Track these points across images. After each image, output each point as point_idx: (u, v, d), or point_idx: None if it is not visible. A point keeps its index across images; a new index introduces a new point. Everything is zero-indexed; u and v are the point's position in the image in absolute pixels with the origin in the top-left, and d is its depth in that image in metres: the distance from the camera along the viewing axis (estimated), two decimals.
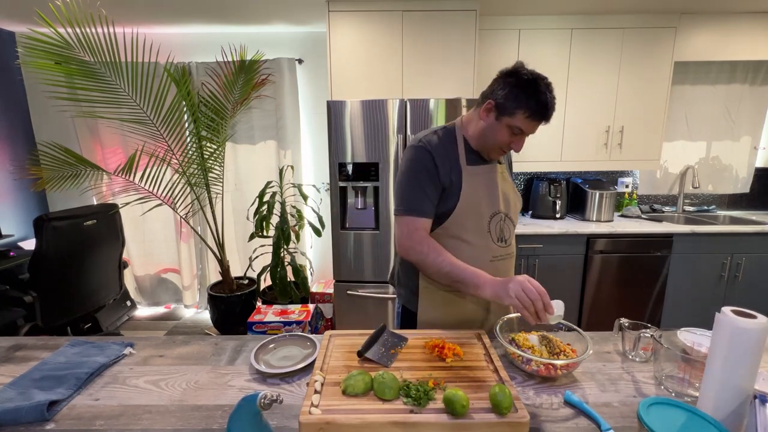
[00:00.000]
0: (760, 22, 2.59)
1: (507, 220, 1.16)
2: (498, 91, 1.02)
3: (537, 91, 0.98)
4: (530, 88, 0.99)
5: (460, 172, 1.10)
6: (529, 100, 0.98)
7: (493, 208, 1.13)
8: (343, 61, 2.35)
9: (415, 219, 1.08)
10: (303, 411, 0.73)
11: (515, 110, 1.00)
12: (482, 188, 1.12)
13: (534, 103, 0.98)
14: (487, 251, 1.12)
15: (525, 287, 0.89)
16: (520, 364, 0.91)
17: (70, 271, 2.12)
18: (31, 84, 3.00)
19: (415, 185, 1.08)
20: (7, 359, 1.00)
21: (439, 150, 1.09)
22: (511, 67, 1.04)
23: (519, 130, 1.02)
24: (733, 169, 3.01)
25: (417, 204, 1.08)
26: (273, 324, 2.28)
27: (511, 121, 1.01)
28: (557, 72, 2.59)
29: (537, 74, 1.01)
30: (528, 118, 1.00)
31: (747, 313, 0.69)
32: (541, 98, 0.98)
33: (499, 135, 1.05)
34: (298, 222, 2.84)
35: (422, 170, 1.08)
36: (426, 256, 1.05)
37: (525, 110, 0.99)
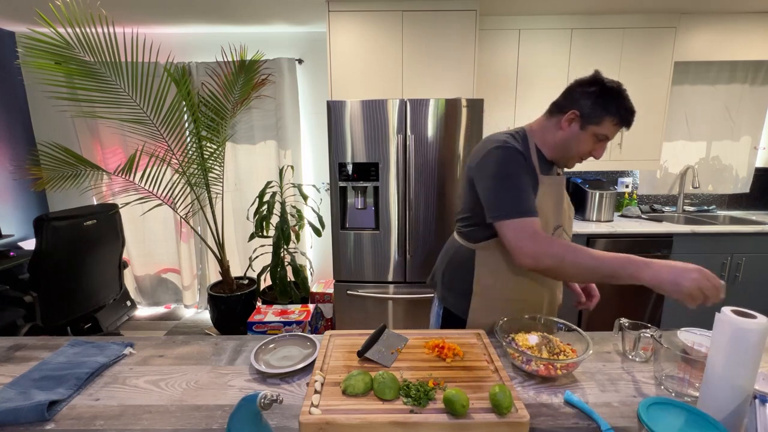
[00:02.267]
0: (760, 22, 2.59)
1: (564, 234, 1.16)
2: (582, 101, 1.04)
3: (622, 98, 1.01)
4: (616, 95, 1.01)
5: (536, 180, 1.07)
6: (619, 107, 1.01)
7: (557, 220, 1.13)
8: (343, 61, 2.35)
9: (532, 220, 0.97)
10: (303, 411, 0.73)
11: (603, 118, 1.02)
12: (551, 199, 1.11)
13: (623, 110, 1.01)
14: None
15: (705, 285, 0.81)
16: (520, 364, 0.91)
17: (70, 271, 2.12)
18: (31, 84, 3.00)
19: (520, 185, 1.00)
20: (7, 359, 1.00)
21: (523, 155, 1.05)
22: (590, 77, 1.06)
23: (604, 137, 1.04)
24: (733, 169, 3.01)
25: (528, 204, 0.99)
26: (273, 324, 2.28)
27: (598, 129, 1.03)
28: (557, 72, 2.59)
29: (617, 82, 1.04)
30: (615, 125, 1.03)
31: (747, 313, 0.69)
32: (627, 105, 1.02)
33: (583, 144, 1.06)
34: (298, 222, 2.84)
35: (521, 170, 1.01)
36: (562, 258, 0.93)
37: (613, 117, 1.01)
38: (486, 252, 1.13)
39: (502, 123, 2.64)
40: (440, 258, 1.29)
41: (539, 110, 2.94)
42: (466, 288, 1.16)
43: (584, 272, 0.94)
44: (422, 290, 2.30)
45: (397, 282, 2.31)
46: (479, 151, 1.08)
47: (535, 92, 2.61)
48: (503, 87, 2.61)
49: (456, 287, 1.19)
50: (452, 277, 1.21)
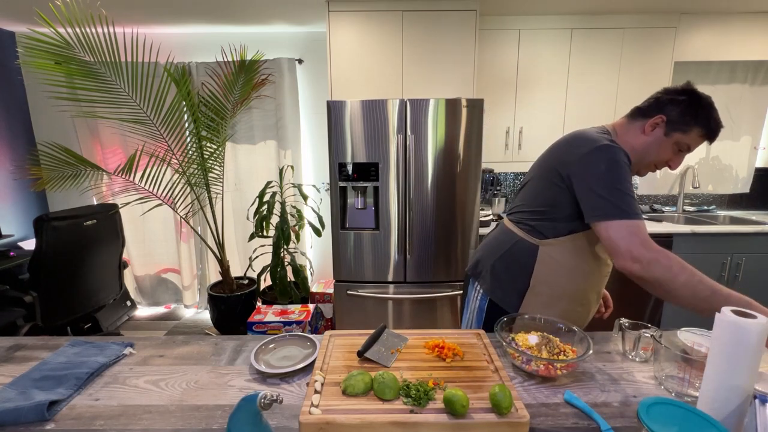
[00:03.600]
0: (760, 22, 2.59)
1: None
2: (670, 107, 1.04)
3: (713, 110, 1.01)
4: (707, 106, 1.01)
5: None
6: (709, 120, 1.00)
7: None
8: (343, 61, 2.35)
9: (643, 223, 0.94)
10: (303, 411, 0.73)
11: (691, 127, 1.01)
12: None
13: (712, 122, 1.00)
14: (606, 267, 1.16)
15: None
16: (520, 364, 0.91)
17: (70, 271, 2.12)
18: (31, 84, 3.00)
19: (630, 187, 0.97)
20: (7, 359, 1.00)
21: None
22: (681, 86, 1.06)
23: (687, 147, 1.03)
24: (733, 169, 3.01)
25: (637, 207, 0.96)
26: (273, 324, 2.28)
27: (683, 137, 1.02)
28: (557, 72, 2.59)
29: (708, 96, 1.03)
30: (701, 137, 1.02)
31: (747, 313, 0.69)
32: (717, 118, 1.01)
33: (663, 151, 1.05)
34: (298, 222, 2.84)
35: (629, 172, 0.99)
36: (676, 274, 0.88)
37: (701, 128, 1.01)
38: (551, 249, 1.11)
39: (502, 123, 2.64)
40: (488, 249, 1.25)
41: (539, 110, 2.94)
42: (520, 283, 1.15)
43: (693, 298, 0.88)
44: (423, 290, 2.30)
45: (397, 282, 2.31)
46: (578, 148, 1.04)
47: (536, 92, 2.61)
48: (503, 87, 2.61)
49: (508, 280, 1.17)
50: (506, 270, 1.18)
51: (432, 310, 2.32)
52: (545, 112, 2.63)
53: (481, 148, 2.19)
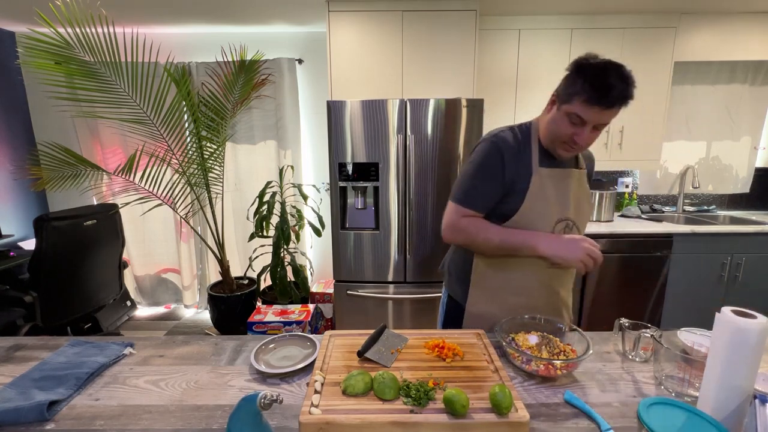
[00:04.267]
0: (760, 22, 2.59)
1: (575, 228, 1.11)
2: (561, 82, 1.01)
3: (599, 75, 0.94)
4: (590, 72, 0.95)
5: (530, 172, 1.07)
6: (586, 83, 0.94)
7: (562, 213, 1.09)
8: (343, 61, 2.35)
9: (464, 209, 1.08)
10: (303, 411, 0.73)
11: (572, 95, 0.96)
12: (552, 191, 1.08)
13: (590, 86, 0.93)
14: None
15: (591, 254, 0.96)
16: (520, 364, 0.91)
17: (70, 271, 2.12)
18: (31, 84, 3.00)
19: (475, 179, 1.07)
20: (7, 359, 0.99)
21: (512, 148, 1.07)
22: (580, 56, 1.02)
23: (577, 117, 0.97)
24: (733, 169, 3.01)
25: (470, 197, 1.08)
26: (273, 324, 2.28)
27: (570, 107, 0.97)
28: (557, 72, 2.56)
29: (612, 61, 0.97)
30: (585, 104, 0.95)
31: (747, 313, 0.69)
32: (600, 80, 0.93)
33: (560, 125, 1.01)
34: (298, 222, 2.84)
35: (487, 167, 1.06)
36: (474, 236, 1.06)
37: (581, 94, 0.94)
38: None
39: (502, 123, 2.62)
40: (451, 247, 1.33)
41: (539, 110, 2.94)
42: (465, 276, 1.19)
43: (494, 248, 1.06)
44: (422, 290, 2.30)
45: (397, 282, 2.31)
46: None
47: (535, 92, 2.61)
48: (503, 87, 2.61)
49: (457, 275, 1.22)
50: (455, 265, 1.24)
51: (432, 310, 2.32)
52: None
53: None
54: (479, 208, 1.09)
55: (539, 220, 1.07)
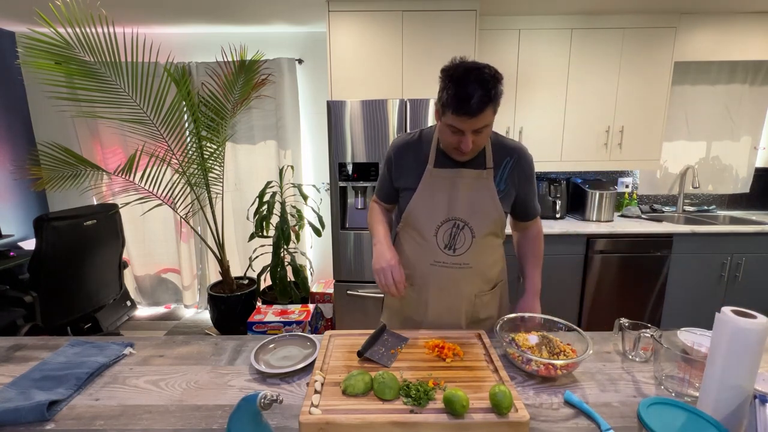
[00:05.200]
0: (760, 22, 2.59)
1: (466, 229, 1.10)
2: (439, 92, 1.01)
3: (461, 84, 0.93)
4: (456, 82, 0.94)
5: (422, 173, 1.13)
6: (449, 95, 0.95)
7: (448, 214, 1.11)
8: (343, 61, 2.35)
9: (374, 196, 1.30)
10: (303, 411, 0.73)
11: (444, 108, 0.98)
12: (440, 192, 1.11)
13: (454, 99, 0.94)
14: (431, 254, 1.13)
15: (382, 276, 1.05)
16: (520, 364, 0.91)
17: (70, 271, 2.12)
18: (31, 84, 3.00)
19: (380, 175, 1.26)
20: (7, 359, 1.00)
21: (406, 150, 1.16)
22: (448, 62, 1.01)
23: (454, 127, 0.98)
24: (733, 169, 3.01)
25: (377, 188, 1.28)
26: (273, 324, 2.28)
27: (446, 119, 0.99)
28: (557, 72, 2.59)
29: (474, 65, 0.96)
30: (454, 115, 0.95)
31: (747, 313, 0.69)
32: (462, 91, 0.93)
33: (445, 135, 1.04)
34: (298, 222, 2.84)
35: (383, 166, 1.23)
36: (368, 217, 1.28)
37: (448, 106, 0.96)
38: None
39: (501, 123, 2.64)
40: None
41: (539, 110, 2.94)
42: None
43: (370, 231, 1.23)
44: None
45: None
46: None
47: (535, 92, 2.61)
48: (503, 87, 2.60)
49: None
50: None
51: None
52: (545, 112, 2.63)
53: None
54: (380, 198, 1.27)
55: (424, 217, 1.12)
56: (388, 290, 1.06)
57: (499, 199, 1.11)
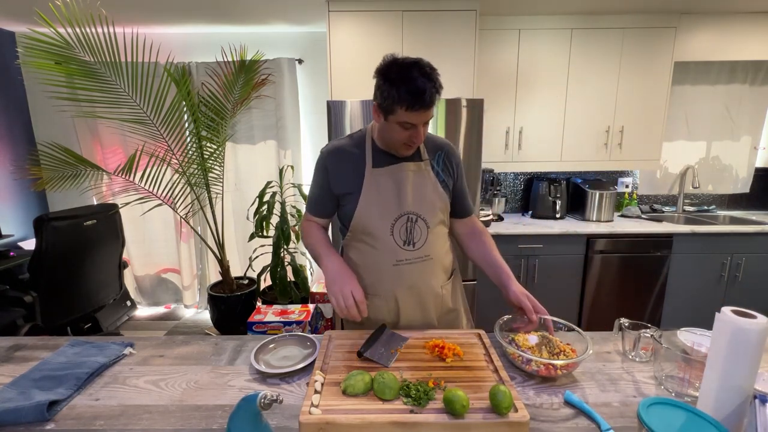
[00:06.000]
0: (760, 22, 2.59)
1: (419, 221, 1.10)
2: (376, 92, 1.01)
3: (408, 80, 0.94)
4: (400, 79, 0.95)
5: (362, 175, 1.10)
6: (401, 92, 0.94)
7: (400, 209, 1.09)
8: (343, 61, 2.35)
9: (307, 214, 1.23)
10: (303, 411, 0.73)
11: (393, 107, 0.97)
12: (387, 190, 1.10)
13: (407, 95, 0.94)
14: (391, 254, 1.10)
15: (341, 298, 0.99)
16: (520, 364, 0.91)
17: (70, 271, 2.12)
18: (31, 84, 3.00)
19: (311, 188, 1.21)
20: (7, 359, 1.00)
21: (340, 156, 1.13)
22: (381, 63, 1.01)
23: (408, 124, 0.99)
24: (733, 169, 3.01)
25: (309, 204, 1.22)
26: (273, 324, 2.28)
27: (396, 117, 0.98)
28: (557, 72, 2.59)
29: (411, 61, 0.97)
30: (408, 111, 0.96)
31: (747, 313, 0.69)
32: (412, 86, 0.93)
33: (395, 133, 1.02)
34: (298, 222, 2.84)
35: (315, 177, 1.18)
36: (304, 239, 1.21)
37: (401, 104, 0.95)
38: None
39: (502, 123, 2.64)
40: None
41: (539, 110, 2.94)
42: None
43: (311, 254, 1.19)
44: None
45: None
46: None
47: (535, 92, 2.61)
48: (503, 87, 2.61)
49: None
50: None
51: None
52: (545, 112, 2.63)
53: (481, 148, 2.19)
54: (315, 213, 1.20)
55: (375, 218, 1.09)
56: (348, 313, 0.99)
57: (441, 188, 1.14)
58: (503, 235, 2.40)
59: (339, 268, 1.06)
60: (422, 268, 1.12)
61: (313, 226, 1.21)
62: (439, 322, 1.18)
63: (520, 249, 2.44)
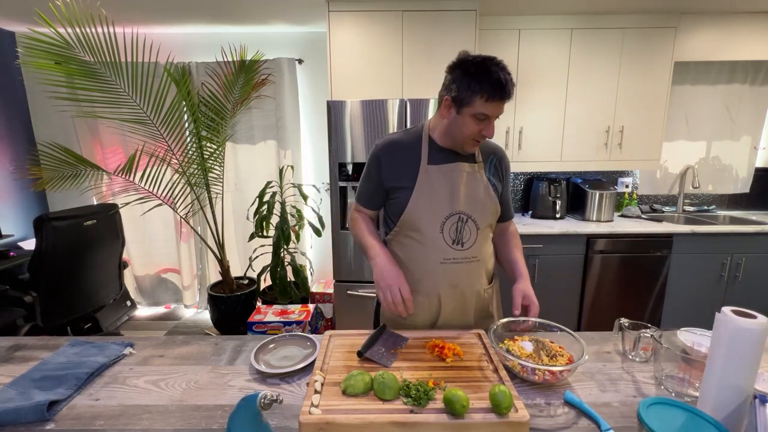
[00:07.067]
0: (760, 22, 2.59)
1: (470, 222, 1.11)
2: (451, 86, 1.04)
3: (488, 72, 0.98)
4: (480, 72, 0.99)
5: (417, 171, 1.12)
6: (482, 83, 0.98)
7: (452, 208, 1.11)
8: (343, 61, 2.35)
9: (356, 204, 1.25)
10: (303, 411, 0.73)
11: (472, 98, 1.00)
12: (441, 188, 1.11)
13: (488, 86, 0.98)
14: (439, 252, 1.10)
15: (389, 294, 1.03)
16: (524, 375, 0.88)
17: (70, 271, 2.12)
18: (31, 84, 3.00)
19: (362, 180, 1.22)
20: (7, 359, 1.00)
21: (394, 150, 1.15)
22: (456, 59, 1.06)
23: (483, 115, 1.02)
24: (733, 169, 3.01)
25: (359, 195, 1.24)
26: (273, 324, 2.28)
27: (472, 109, 1.01)
28: (557, 72, 2.59)
29: (485, 57, 1.02)
30: (487, 102, 0.99)
31: (747, 313, 0.69)
32: (493, 78, 0.98)
33: (466, 127, 1.04)
34: (298, 222, 2.84)
35: (368, 170, 1.19)
36: (352, 228, 1.24)
37: (481, 94, 0.99)
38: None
39: (502, 123, 2.64)
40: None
41: (539, 110, 2.94)
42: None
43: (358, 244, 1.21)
44: None
45: None
46: None
47: (536, 92, 2.61)
48: None
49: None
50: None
51: None
52: (545, 112, 2.63)
53: None
54: (365, 204, 1.23)
55: (427, 215, 1.10)
56: (396, 309, 1.02)
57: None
58: None
59: (388, 263, 1.08)
60: (469, 268, 1.13)
61: (362, 216, 1.23)
62: (476, 326, 1.17)
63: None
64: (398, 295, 1.02)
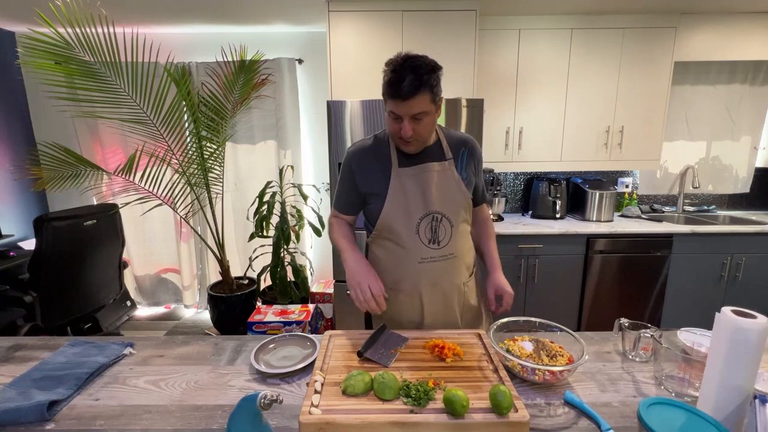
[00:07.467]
0: (760, 22, 2.59)
1: (444, 220, 1.13)
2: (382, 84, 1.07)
3: (392, 72, 1.01)
4: (389, 69, 1.02)
5: (389, 176, 1.13)
6: (385, 81, 1.02)
7: (426, 209, 1.12)
8: (343, 61, 2.35)
9: (333, 210, 1.27)
10: (303, 411, 0.73)
11: (383, 95, 1.04)
12: (413, 190, 1.12)
13: (386, 85, 1.02)
14: (416, 252, 1.13)
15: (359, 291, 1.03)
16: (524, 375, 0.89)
17: (70, 271, 2.12)
18: (31, 84, 3.00)
19: (339, 186, 1.24)
20: (7, 359, 1.00)
21: (366, 156, 1.17)
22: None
23: (393, 113, 1.04)
24: (733, 169, 3.01)
25: (336, 201, 1.25)
26: (273, 324, 2.28)
27: (386, 106, 1.05)
28: (557, 72, 2.59)
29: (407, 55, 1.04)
30: (390, 99, 1.02)
31: (747, 313, 0.69)
32: (392, 78, 1.00)
33: (389, 126, 1.09)
34: (298, 222, 2.84)
35: (342, 175, 1.21)
36: (330, 233, 1.26)
37: (385, 92, 1.03)
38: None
39: (502, 123, 2.64)
40: None
41: (539, 110, 2.94)
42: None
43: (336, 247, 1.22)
44: None
45: None
46: None
47: (535, 92, 2.61)
48: (503, 87, 2.61)
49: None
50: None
51: None
52: (545, 112, 2.63)
53: (481, 148, 2.19)
54: (341, 210, 1.25)
55: (402, 218, 1.12)
56: (368, 306, 1.03)
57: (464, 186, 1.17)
58: (503, 235, 2.40)
59: (357, 262, 1.10)
60: (446, 266, 1.15)
61: (339, 222, 1.25)
62: (462, 320, 1.20)
63: (520, 249, 2.44)
64: (368, 292, 1.03)
